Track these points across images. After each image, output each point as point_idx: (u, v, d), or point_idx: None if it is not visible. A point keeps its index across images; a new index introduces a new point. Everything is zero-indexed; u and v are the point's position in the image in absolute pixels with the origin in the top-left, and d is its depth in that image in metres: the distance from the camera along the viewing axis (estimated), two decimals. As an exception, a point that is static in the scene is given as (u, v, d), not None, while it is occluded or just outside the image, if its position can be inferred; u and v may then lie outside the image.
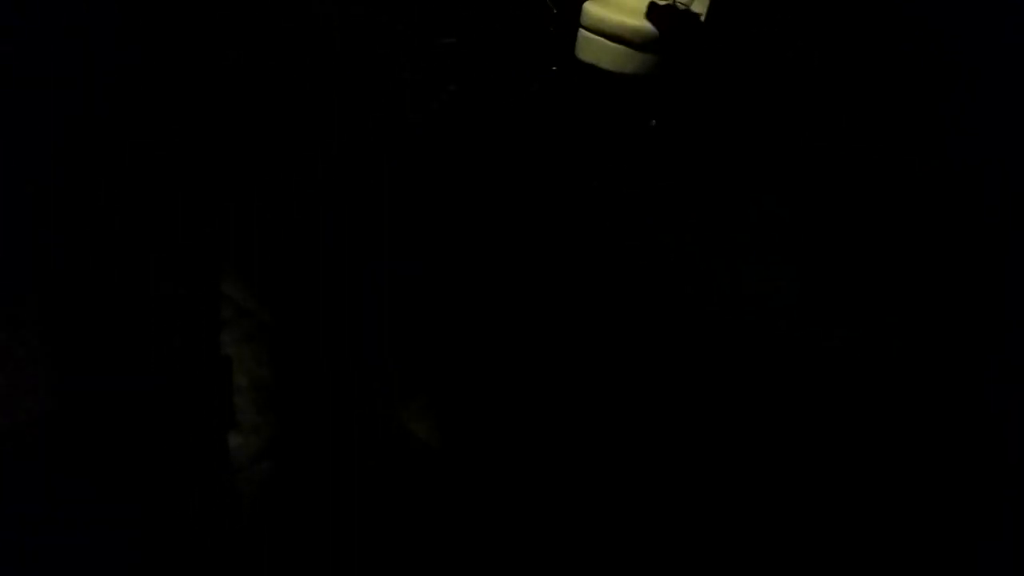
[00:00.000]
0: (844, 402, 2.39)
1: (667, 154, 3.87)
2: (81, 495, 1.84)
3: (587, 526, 1.95)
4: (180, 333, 2.30)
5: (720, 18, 4.03)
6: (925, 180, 3.69)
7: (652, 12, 3.92)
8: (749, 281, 2.93)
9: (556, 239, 3.09)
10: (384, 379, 2.30)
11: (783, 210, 3.49)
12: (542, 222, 3.19)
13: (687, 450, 2.20)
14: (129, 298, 2.40)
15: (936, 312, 2.88)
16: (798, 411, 2.35)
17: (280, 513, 1.90)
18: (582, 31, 4.42)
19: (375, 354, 2.41)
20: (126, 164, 2.79)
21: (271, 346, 2.33)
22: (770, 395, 2.41)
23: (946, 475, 2.17)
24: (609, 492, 2.05)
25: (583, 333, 2.59)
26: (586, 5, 4.41)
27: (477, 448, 2.17)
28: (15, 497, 1.80)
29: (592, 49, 4.38)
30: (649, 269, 2.97)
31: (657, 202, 3.48)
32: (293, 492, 1.96)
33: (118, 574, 1.72)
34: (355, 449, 2.09)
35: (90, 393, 2.09)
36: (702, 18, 3.99)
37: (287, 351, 2.35)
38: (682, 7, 3.93)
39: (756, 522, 2.00)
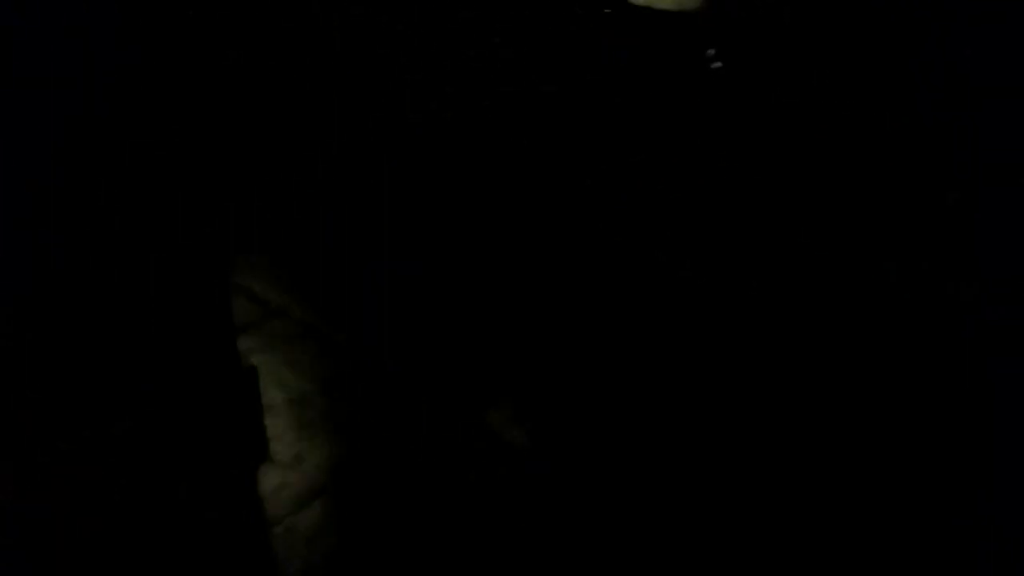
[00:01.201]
0: (844, 401, 2.40)
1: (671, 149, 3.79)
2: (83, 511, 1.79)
3: (591, 524, 1.95)
4: (181, 334, 2.29)
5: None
6: (923, 180, 3.70)
7: None
8: (745, 282, 2.93)
9: (554, 240, 3.08)
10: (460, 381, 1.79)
11: (780, 207, 3.49)
12: (541, 224, 3.19)
13: (694, 453, 2.20)
14: (129, 298, 2.40)
15: (938, 312, 2.88)
16: (797, 410, 2.36)
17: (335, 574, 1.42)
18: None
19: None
20: (126, 164, 2.79)
21: (312, 350, 1.82)
22: (768, 394, 2.41)
23: (944, 474, 2.18)
24: (612, 491, 2.05)
25: (582, 333, 2.59)
26: None
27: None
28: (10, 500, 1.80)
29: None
30: (645, 272, 2.97)
31: (651, 204, 3.48)
32: (352, 544, 1.44)
33: None
34: (425, 477, 1.59)
35: (89, 396, 2.08)
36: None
37: (331, 354, 1.83)
38: None
39: (758, 519, 2.00)
